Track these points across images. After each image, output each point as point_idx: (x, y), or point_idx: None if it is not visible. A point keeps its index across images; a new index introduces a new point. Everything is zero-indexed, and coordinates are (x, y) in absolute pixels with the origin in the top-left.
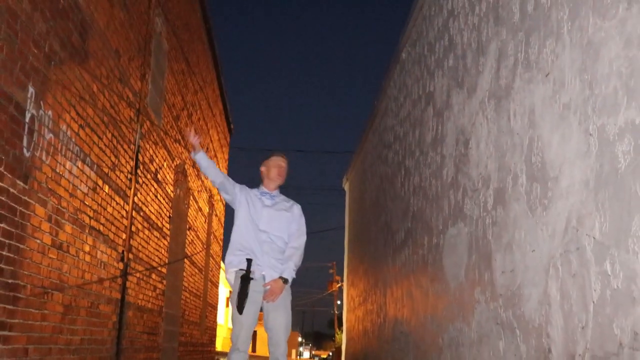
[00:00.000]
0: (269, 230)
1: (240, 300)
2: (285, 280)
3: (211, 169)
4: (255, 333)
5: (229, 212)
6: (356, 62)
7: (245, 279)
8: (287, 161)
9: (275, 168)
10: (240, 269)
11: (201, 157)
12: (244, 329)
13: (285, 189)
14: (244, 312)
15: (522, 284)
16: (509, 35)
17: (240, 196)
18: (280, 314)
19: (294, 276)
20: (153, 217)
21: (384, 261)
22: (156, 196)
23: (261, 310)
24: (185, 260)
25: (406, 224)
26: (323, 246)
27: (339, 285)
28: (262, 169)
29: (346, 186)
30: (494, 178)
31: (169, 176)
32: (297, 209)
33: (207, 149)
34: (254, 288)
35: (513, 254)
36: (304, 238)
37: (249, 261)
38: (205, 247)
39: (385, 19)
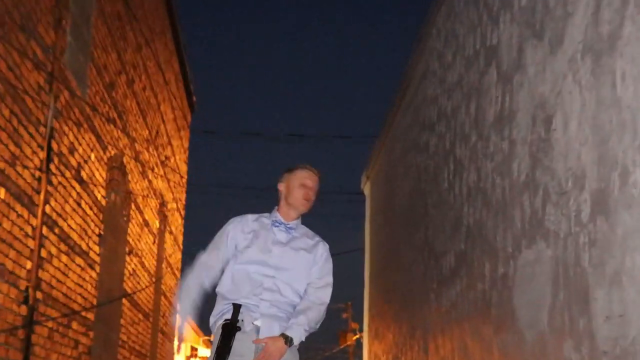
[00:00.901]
0: (276, 276)
1: (220, 356)
2: (288, 340)
3: (190, 297)
4: None
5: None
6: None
7: (230, 328)
8: (318, 179)
9: (300, 188)
10: (226, 319)
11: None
12: None
13: None
14: None
15: (638, 336)
16: None
17: (231, 243)
18: None
19: (303, 339)
20: (74, 235)
21: (424, 300)
22: (79, 204)
23: None
24: (124, 300)
25: (457, 243)
26: (333, 278)
27: (357, 336)
28: (280, 187)
29: (366, 188)
30: (591, 175)
31: (99, 174)
32: (322, 249)
33: (157, 132)
34: (242, 343)
35: (623, 290)
36: (328, 291)
37: (237, 307)
38: (153, 280)
39: None
